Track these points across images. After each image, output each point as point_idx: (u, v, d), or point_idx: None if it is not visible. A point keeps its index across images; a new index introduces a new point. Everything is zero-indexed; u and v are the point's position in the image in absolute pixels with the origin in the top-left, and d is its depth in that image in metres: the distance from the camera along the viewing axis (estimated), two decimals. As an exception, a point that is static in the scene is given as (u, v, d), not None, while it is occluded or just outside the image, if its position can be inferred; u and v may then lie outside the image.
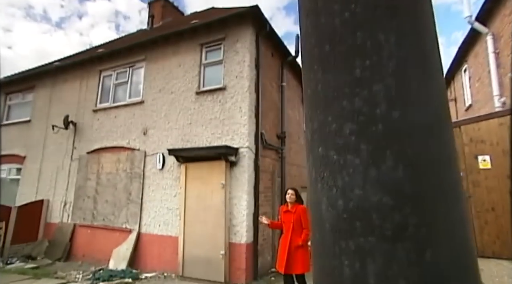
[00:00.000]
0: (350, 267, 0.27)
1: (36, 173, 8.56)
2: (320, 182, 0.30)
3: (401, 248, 0.25)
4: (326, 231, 0.29)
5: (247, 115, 5.86)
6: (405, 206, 0.25)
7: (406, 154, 0.28)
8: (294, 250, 3.83)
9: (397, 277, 0.25)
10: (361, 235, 0.27)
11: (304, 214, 4.04)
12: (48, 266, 6.68)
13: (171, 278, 5.63)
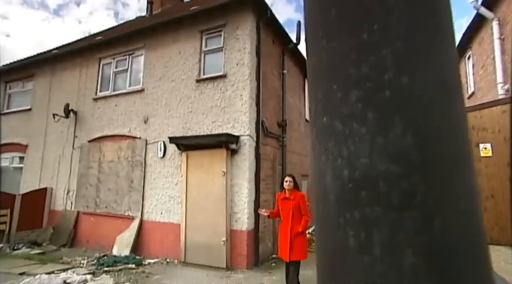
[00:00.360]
0: (355, 238, 0.27)
1: (38, 162, 8.61)
2: (324, 154, 0.30)
3: (408, 217, 0.25)
4: (330, 203, 0.29)
5: (247, 103, 5.83)
6: (413, 174, 0.25)
7: (415, 121, 0.27)
8: (294, 237, 3.83)
9: (403, 246, 0.24)
10: (367, 205, 0.26)
11: (303, 201, 3.98)
12: (53, 252, 6.82)
13: (174, 264, 5.74)
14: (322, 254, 0.30)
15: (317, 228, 0.31)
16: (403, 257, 0.24)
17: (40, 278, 4.44)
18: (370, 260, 0.26)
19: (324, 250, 0.29)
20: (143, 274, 5.13)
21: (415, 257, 0.24)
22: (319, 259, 0.30)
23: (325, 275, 0.29)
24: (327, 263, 0.29)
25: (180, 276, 5.04)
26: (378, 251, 0.25)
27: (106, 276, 4.86)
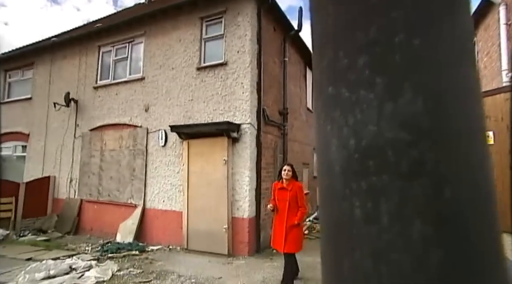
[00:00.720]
0: (361, 208, 0.26)
1: (41, 150, 8.65)
2: (330, 124, 0.29)
3: (418, 185, 0.24)
4: (335, 174, 0.28)
5: (248, 91, 5.78)
6: (423, 141, 0.24)
7: (426, 86, 0.26)
8: (290, 229, 3.74)
9: (412, 215, 0.24)
10: (374, 174, 0.26)
11: (301, 192, 3.85)
12: (58, 239, 6.94)
13: (177, 251, 5.84)
14: (327, 226, 0.29)
15: (321, 199, 0.30)
16: (411, 226, 0.24)
17: (47, 264, 4.54)
18: (377, 230, 0.25)
19: (329, 222, 0.29)
20: (146, 260, 5.23)
21: (424, 225, 0.23)
22: (323, 231, 0.29)
23: (330, 247, 0.28)
24: (331, 235, 0.28)
25: (183, 262, 5.13)
26: (385, 221, 0.25)
27: (110, 262, 4.95)
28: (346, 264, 0.26)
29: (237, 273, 4.60)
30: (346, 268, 0.26)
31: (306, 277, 4.43)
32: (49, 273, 4.18)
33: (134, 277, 4.41)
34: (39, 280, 3.95)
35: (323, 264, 0.29)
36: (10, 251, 5.80)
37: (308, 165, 9.38)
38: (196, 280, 4.27)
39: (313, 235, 7.27)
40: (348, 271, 0.26)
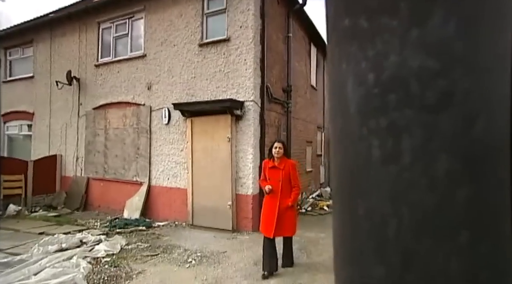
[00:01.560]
0: (380, 147, 0.24)
1: (46, 129, 8.71)
2: (346, 60, 0.26)
3: (446, 118, 0.22)
4: (350, 114, 0.25)
5: (252, 68, 5.66)
6: (454, 69, 0.21)
7: (459, 6, 0.23)
8: (284, 212, 3.46)
9: (438, 151, 0.22)
10: (396, 109, 0.23)
11: (294, 170, 3.56)
12: (68, 214, 7.17)
13: (182, 227, 6.00)
14: (340, 171, 0.27)
15: (334, 144, 0.28)
16: (436, 163, 0.22)
17: (59, 237, 4.71)
18: (397, 169, 0.23)
19: (342, 166, 0.27)
20: (153, 235, 5.39)
21: (451, 162, 0.21)
22: (335, 178, 0.28)
23: (343, 193, 0.27)
24: (344, 180, 0.27)
25: (188, 237, 5.29)
26: (407, 159, 0.23)
27: (118, 237, 5.12)
28: (361, 209, 0.25)
29: (241, 247, 4.74)
30: (362, 213, 0.25)
31: (309, 250, 4.56)
32: (61, 246, 4.35)
33: (142, 250, 4.57)
34: (52, 252, 4.12)
35: (335, 212, 0.27)
36: (24, 225, 6.04)
37: (311, 143, 9.37)
38: (202, 253, 4.42)
39: (316, 211, 7.41)
40: (364, 215, 0.24)
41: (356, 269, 0.24)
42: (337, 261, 0.26)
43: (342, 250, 0.26)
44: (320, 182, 10.40)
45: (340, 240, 0.26)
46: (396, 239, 0.22)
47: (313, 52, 9.76)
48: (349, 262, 0.25)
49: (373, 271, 0.23)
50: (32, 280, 3.23)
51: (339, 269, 0.26)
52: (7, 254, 4.28)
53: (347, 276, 0.25)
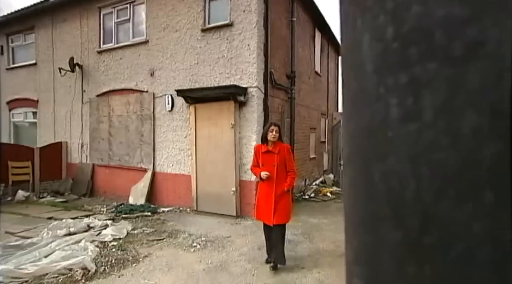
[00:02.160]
0: (399, 106, 0.22)
1: (50, 116, 8.76)
2: (361, 16, 0.24)
3: (473, 70, 0.20)
4: (366, 73, 0.24)
5: (255, 53, 5.57)
6: (484, 17, 0.20)
7: None
8: (280, 198, 3.31)
9: (463, 107, 0.20)
10: (417, 63, 0.22)
11: (289, 155, 3.41)
12: (75, 200, 7.30)
13: (187, 212, 6.09)
14: (353, 136, 0.26)
15: (346, 110, 0.27)
16: (462, 119, 0.20)
17: (67, 222, 4.82)
18: (418, 128, 0.22)
19: (356, 130, 0.25)
20: (158, 221, 5.48)
21: (478, 117, 0.20)
22: (347, 144, 0.26)
23: (357, 157, 0.25)
24: (359, 144, 0.25)
25: (193, 222, 5.37)
26: (429, 116, 0.21)
27: (124, 222, 5.22)
28: (377, 172, 0.24)
29: (245, 232, 4.81)
30: (377, 176, 0.23)
31: (312, 235, 4.62)
32: (70, 230, 4.45)
33: (148, 235, 4.67)
34: (61, 236, 4.23)
35: (347, 179, 0.26)
36: (33, 210, 6.19)
37: (315, 130, 9.33)
38: (206, 238, 4.50)
39: (319, 198, 7.47)
40: (380, 178, 0.23)
41: (370, 235, 0.24)
42: (349, 228, 0.26)
43: (354, 216, 0.25)
44: (323, 168, 10.42)
45: (353, 206, 0.25)
46: (414, 202, 0.21)
47: (318, 38, 9.56)
48: (362, 228, 0.24)
49: (389, 236, 0.22)
50: (43, 262, 3.33)
51: (351, 236, 0.25)
52: (18, 237, 4.41)
53: (359, 243, 0.24)
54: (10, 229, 4.91)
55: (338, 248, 4.13)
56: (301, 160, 7.81)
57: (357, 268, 0.24)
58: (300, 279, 3.22)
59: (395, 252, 0.22)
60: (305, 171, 8.22)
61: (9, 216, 5.82)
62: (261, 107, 5.67)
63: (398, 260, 0.22)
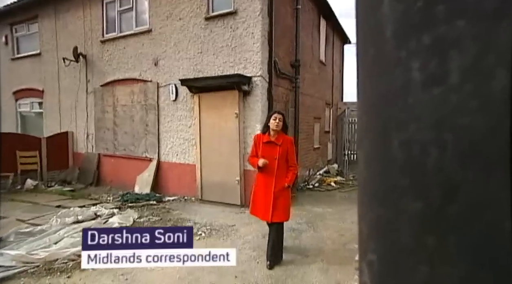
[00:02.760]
0: (421, 70, 0.21)
1: (56, 106, 8.81)
2: None
3: (505, 28, 0.18)
4: (385, 38, 0.22)
5: (259, 42, 5.49)
6: None
7: None
8: (279, 194, 3.08)
9: (493, 67, 0.19)
10: (444, 22, 0.20)
11: (292, 148, 3.18)
12: (82, 189, 7.42)
13: (191, 201, 6.15)
14: (370, 106, 0.24)
15: (362, 80, 0.25)
16: (491, 81, 0.19)
17: (74, 210, 4.91)
18: (442, 92, 0.21)
19: (373, 99, 0.24)
20: (163, 210, 5.56)
21: (509, 78, 0.19)
22: (363, 115, 0.25)
23: (375, 128, 0.24)
24: (376, 114, 0.24)
25: (198, 211, 5.43)
26: (455, 79, 0.20)
27: (131, 210, 5.30)
28: (396, 141, 0.23)
29: (249, 221, 4.85)
30: (397, 145, 0.22)
31: (316, 224, 4.65)
32: (78, 218, 4.54)
33: (153, 223, 4.74)
34: (69, 224, 4.31)
35: (362, 151, 0.25)
36: (41, 199, 6.32)
37: (319, 120, 9.27)
38: (211, 227, 4.55)
39: (323, 187, 7.48)
40: (400, 147, 0.22)
41: (386, 207, 0.23)
42: (364, 202, 0.25)
43: (370, 190, 0.24)
44: (327, 158, 10.40)
45: (368, 180, 0.24)
46: (437, 170, 0.20)
47: (323, 26, 9.38)
48: (378, 201, 0.23)
49: (408, 207, 0.21)
50: (53, 248, 3.42)
51: (365, 211, 0.24)
52: (29, 225, 4.53)
53: (375, 216, 0.24)
54: (21, 216, 5.05)
55: (342, 236, 4.16)
56: (305, 150, 7.80)
57: (372, 243, 0.24)
58: (304, 267, 3.26)
59: (414, 224, 0.21)
60: (309, 160, 8.21)
61: (19, 204, 5.97)
62: (265, 96, 5.63)
63: (417, 232, 0.21)
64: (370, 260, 0.23)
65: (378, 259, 0.23)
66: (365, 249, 0.24)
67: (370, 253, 0.23)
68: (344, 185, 7.79)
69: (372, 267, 0.23)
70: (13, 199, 6.41)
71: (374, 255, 0.23)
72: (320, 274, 3.11)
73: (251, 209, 3.31)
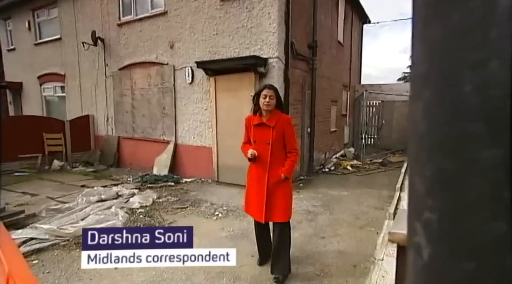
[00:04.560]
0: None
1: (77, 90, 9.07)
2: None
3: None
4: None
5: (276, 22, 5.33)
6: None
7: None
8: (275, 187, 2.51)
9: None
10: None
11: (290, 129, 2.54)
12: (103, 170, 7.73)
13: (208, 183, 6.28)
14: (435, 44, 0.21)
15: (424, 15, 0.22)
16: None
17: (98, 190, 5.15)
18: None
19: (440, 36, 0.21)
20: (181, 191, 5.71)
21: None
22: (425, 56, 0.22)
23: (439, 71, 0.22)
24: (444, 52, 0.21)
25: (214, 192, 5.55)
26: None
27: (150, 191, 5.48)
28: (468, 85, 0.20)
29: (266, 203, 4.91)
30: (470, 88, 0.20)
31: (332, 207, 4.65)
32: (101, 197, 4.75)
33: (172, 203, 4.89)
34: (93, 202, 4.54)
35: (419, 104, 0.23)
36: (67, 178, 6.67)
37: (336, 102, 9.06)
38: (228, 208, 4.65)
39: (339, 171, 7.42)
40: (474, 90, 0.20)
41: (452, 158, 0.21)
42: (420, 156, 0.22)
43: (430, 141, 0.22)
44: (344, 142, 10.24)
45: (428, 131, 0.22)
46: None
47: (341, 5, 8.96)
48: (441, 153, 0.21)
49: (480, 157, 0.19)
50: (81, 224, 3.62)
51: (422, 166, 0.22)
52: (57, 202, 4.81)
53: (436, 170, 0.22)
54: (50, 194, 5.40)
55: (358, 219, 4.15)
56: (321, 133, 7.70)
57: (431, 200, 0.22)
58: (319, 248, 3.29)
59: (488, 174, 0.19)
60: (325, 144, 8.12)
61: (48, 183, 6.34)
62: (281, 78, 5.52)
63: (492, 183, 0.19)
64: (428, 219, 0.21)
65: (439, 218, 0.21)
66: (420, 208, 0.22)
67: (427, 212, 0.22)
68: (361, 169, 7.68)
69: (430, 227, 0.21)
70: (42, 178, 6.81)
71: (433, 213, 0.21)
72: (335, 255, 3.14)
73: (244, 207, 2.79)
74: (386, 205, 4.60)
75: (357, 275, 2.76)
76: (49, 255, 3.14)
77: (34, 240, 3.30)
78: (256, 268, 2.85)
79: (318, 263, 2.96)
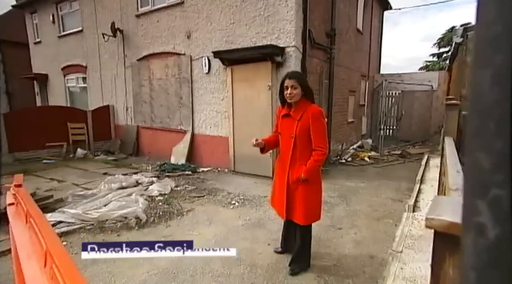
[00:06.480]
0: None
1: (98, 81, 9.32)
2: None
3: None
4: None
5: (293, 10, 5.21)
6: None
7: None
8: (294, 187, 2.32)
9: None
10: None
11: (317, 122, 2.23)
12: (123, 159, 7.98)
13: (225, 172, 6.35)
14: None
15: None
16: None
17: (119, 177, 5.33)
18: None
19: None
20: (198, 179, 5.81)
21: None
22: (489, 18, 0.21)
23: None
24: None
25: (231, 182, 5.61)
26: None
27: (168, 179, 5.61)
28: None
29: (282, 193, 4.92)
30: None
31: (349, 198, 4.61)
32: (122, 185, 4.92)
33: (189, 192, 4.99)
34: (115, 189, 4.71)
35: (488, 71, 0.21)
36: (90, 166, 6.95)
37: (354, 93, 8.84)
38: (244, 197, 4.69)
39: (356, 162, 7.30)
40: None
41: None
42: (487, 130, 0.21)
43: (499, 112, 0.20)
44: (361, 133, 10.03)
45: (498, 100, 0.20)
46: None
47: None
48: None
49: None
50: (104, 210, 3.78)
51: (490, 139, 0.21)
52: (82, 189, 5.05)
53: (507, 140, 0.20)
54: (75, 181, 5.68)
55: (375, 211, 4.09)
56: (338, 124, 7.56)
57: (500, 175, 0.21)
58: (336, 238, 3.28)
59: None
60: (342, 134, 7.98)
61: (73, 170, 6.64)
62: (299, 68, 5.42)
63: None
64: (496, 196, 0.20)
65: (509, 194, 0.20)
66: (486, 184, 0.21)
67: (495, 188, 0.20)
68: (379, 160, 7.52)
69: (498, 205, 0.20)
70: (67, 165, 7.13)
71: (502, 189, 0.20)
72: (352, 246, 3.12)
73: (270, 199, 2.73)
74: (405, 197, 4.50)
75: (375, 266, 2.74)
76: (76, 238, 3.31)
77: (63, 223, 3.49)
78: (273, 256, 2.89)
79: (335, 254, 2.95)
